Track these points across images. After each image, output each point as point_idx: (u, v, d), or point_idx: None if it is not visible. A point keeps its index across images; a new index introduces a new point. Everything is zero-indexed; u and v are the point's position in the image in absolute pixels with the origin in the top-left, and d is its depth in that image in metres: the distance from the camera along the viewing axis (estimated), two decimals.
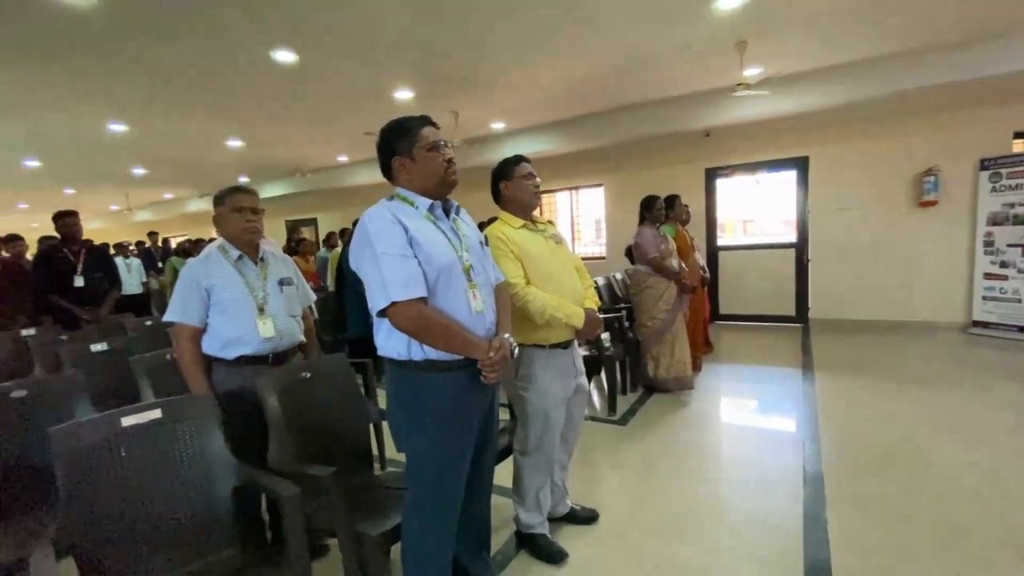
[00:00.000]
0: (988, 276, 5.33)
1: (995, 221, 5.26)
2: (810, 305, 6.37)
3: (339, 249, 6.02)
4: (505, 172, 2.02)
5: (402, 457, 1.55)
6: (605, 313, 3.90)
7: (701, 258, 4.96)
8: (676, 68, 5.02)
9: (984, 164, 5.29)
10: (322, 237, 9.53)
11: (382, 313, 1.38)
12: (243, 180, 10.57)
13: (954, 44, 4.57)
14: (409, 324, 1.37)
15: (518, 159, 2.02)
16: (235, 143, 7.16)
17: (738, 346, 5.68)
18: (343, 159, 8.93)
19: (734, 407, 3.90)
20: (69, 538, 1.33)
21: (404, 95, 5.33)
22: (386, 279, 1.34)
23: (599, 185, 7.98)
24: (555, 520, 2.23)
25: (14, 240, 5.07)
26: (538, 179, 2.04)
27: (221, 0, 3.18)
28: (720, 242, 7.05)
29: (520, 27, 3.87)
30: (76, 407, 2.00)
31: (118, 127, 5.96)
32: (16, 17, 3.16)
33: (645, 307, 3.96)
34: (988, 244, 5.32)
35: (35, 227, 14.08)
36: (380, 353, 1.49)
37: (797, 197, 6.39)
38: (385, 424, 1.68)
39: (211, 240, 7.15)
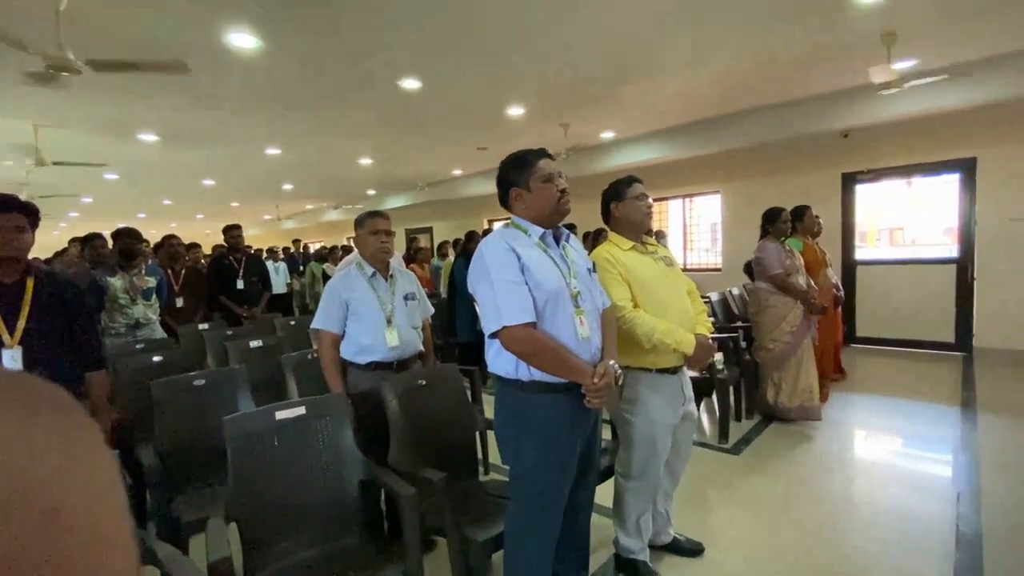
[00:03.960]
0: None
1: None
2: (975, 331, 5.44)
3: (451, 258, 6.39)
4: (617, 193, 2.01)
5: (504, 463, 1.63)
6: (719, 332, 3.69)
7: (834, 274, 4.47)
8: (812, 66, 4.61)
9: None
10: (436, 244, 10.19)
11: (494, 335, 1.47)
12: (371, 193, 11.66)
13: None
14: (519, 347, 1.44)
15: (630, 180, 2.01)
16: (366, 161, 7.94)
17: (877, 374, 5.03)
18: (457, 172, 9.45)
19: (870, 445, 3.47)
20: (235, 508, 1.60)
21: (516, 111, 5.52)
22: (499, 304, 1.43)
23: (715, 192, 7.55)
24: (656, 548, 2.17)
25: (193, 247, 6.10)
26: (650, 199, 2.01)
27: (359, 39, 3.58)
28: (859, 255, 6.30)
29: (647, 37, 3.81)
30: (239, 396, 2.37)
31: (273, 151, 6.92)
32: (196, 64, 3.78)
33: (766, 328, 3.67)
34: None
35: (207, 234, 16.78)
36: (490, 369, 1.59)
37: (960, 205, 5.51)
38: (490, 432, 1.78)
39: (343, 247, 8.00)
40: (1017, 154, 5.11)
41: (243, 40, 3.50)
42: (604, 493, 2.10)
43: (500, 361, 1.53)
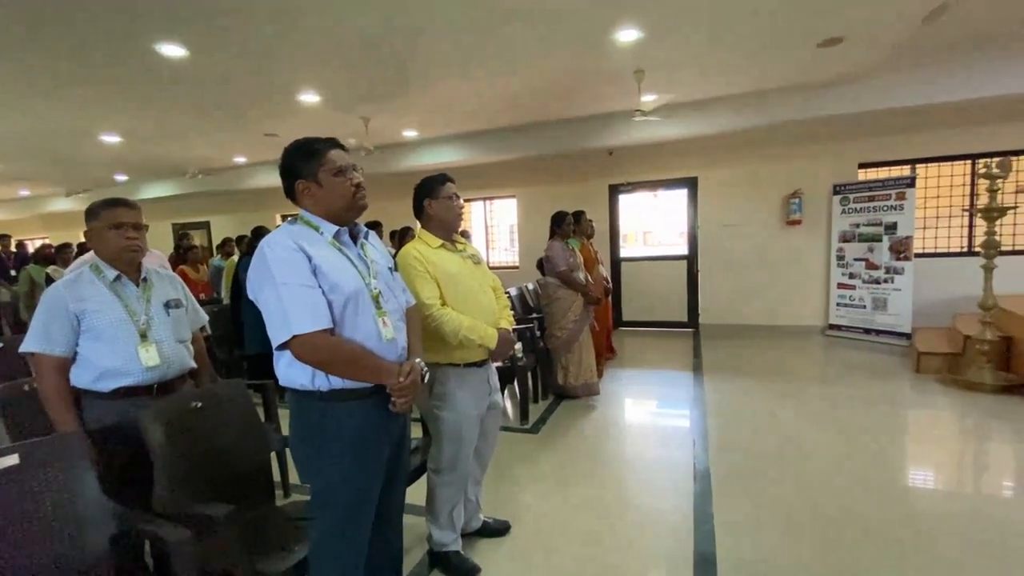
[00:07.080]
0: (840, 285, 6.19)
1: (845, 238, 6.13)
2: (700, 312, 6.99)
3: (236, 257, 5.60)
4: (430, 190, 1.99)
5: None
6: (518, 323, 4.00)
7: (605, 270, 5.25)
8: (582, 92, 5.31)
9: (836, 189, 6.17)
10: (215, 242, 8.81)
11: (283, 346, 1.33)
12: (121, 179, 9.48)
13: (814, 85, 5.29)
14: (314, 356, 1.33)
15: (444, 178, 2.02)
16: (111, 138, 6.40)
17: (639, 351, 6.09)
18: (241, 160, 8.32)
19: (635, 410, 4.19)
20: None
21: (310, 98, 5.09)
22: (287, 311, 1.29)
23: (512, 196, 8.17)
24: (468, 535, 2.25)
25: None
26: (461, 200, 2.06)
27: None
28: (623, 253, 7.51)
29: (434, 49, 3.94)
30: None
31: None
32: None
33: (555, 318, 4.12)
34: (840, 258, 6.19)
35: None
36: (282, 383, 1.44)
37: (688, 213, 7.01)
38: (289, 451, 1.61)
39: (80, 245, 6.31)
40: (725, 175, 6.74)
41: None
42: (415, 492, 2.09)
43: (293, 372, 1.39)
